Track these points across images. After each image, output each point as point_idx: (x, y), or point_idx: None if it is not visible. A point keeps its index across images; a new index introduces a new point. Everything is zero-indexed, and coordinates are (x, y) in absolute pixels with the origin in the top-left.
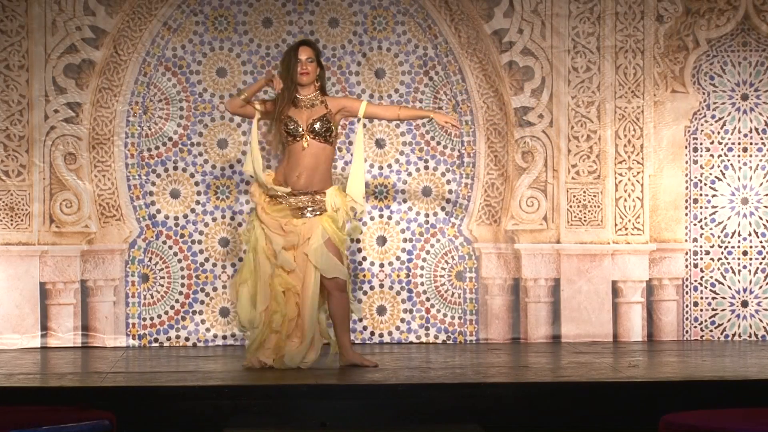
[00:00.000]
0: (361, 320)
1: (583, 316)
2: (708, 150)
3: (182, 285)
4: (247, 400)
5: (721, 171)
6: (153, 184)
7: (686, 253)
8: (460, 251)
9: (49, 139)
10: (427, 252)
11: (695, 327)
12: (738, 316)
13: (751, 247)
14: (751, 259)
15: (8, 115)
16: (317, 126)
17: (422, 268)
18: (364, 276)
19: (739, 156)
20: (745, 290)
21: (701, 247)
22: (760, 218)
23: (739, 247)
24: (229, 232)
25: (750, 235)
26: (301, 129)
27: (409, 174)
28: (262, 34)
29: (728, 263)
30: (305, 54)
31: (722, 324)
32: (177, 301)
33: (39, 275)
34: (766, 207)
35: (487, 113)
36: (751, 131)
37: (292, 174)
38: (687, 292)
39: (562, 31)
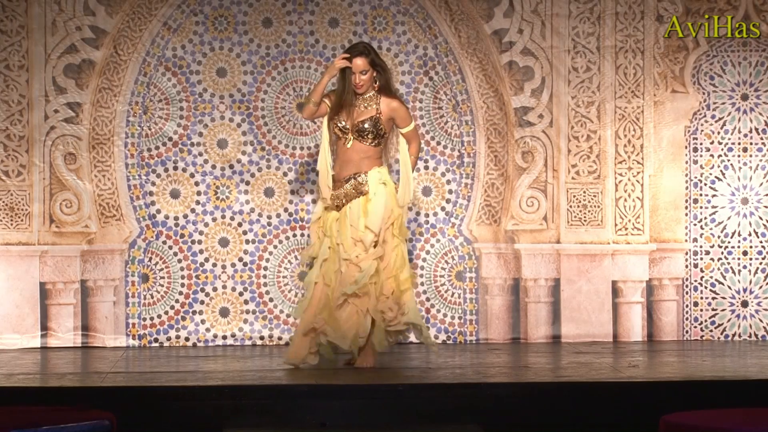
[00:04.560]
0: None
1: (583, 316)
2: (708, 150)
3: (182, 285)
4: (247, 400)
5: (721, 171)
6: (153, 184)
7: (686, 253)
8: (460, 251)
9: (49, 139)
10: (427, 252)
11: (695, 327)
12: (738, 316)
13: (751, 247)
14: (751, 259)
15: (8, 115)
16: (363, 127)
17: (422, 268)
18: None
19: (739, 156)
20: (745, 290)
21: (701, 247)
22: (760, 218)
23: (739, 247)
24: (229, 232)
25: (750, 235)
26: (346, 129)
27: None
28: (262, 34)
29: (728, 263)
30: (360, 66)
31: (722, 324)
32: (177, 301)
33: (39, 275)
34: (766, 207)
35: (487, 113)
36: (751, 131)
37: (336, 167)
38: (687, 292)
39: (562, 31)
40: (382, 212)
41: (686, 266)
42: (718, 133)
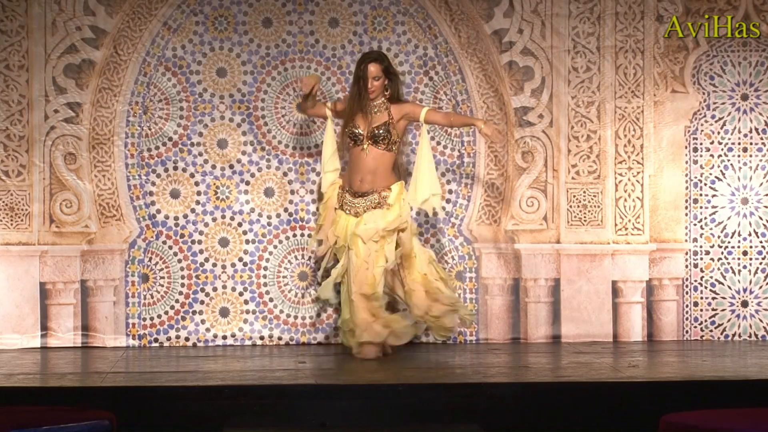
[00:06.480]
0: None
1: (583, 316)
2: (708, 150)
3: (182, 285)
4: (247, 400)
5: (721, 171)
6: (153, 184)
7: (686, 253)
8: (460, 251)
9: (49, 139)
10: None
11: (695, 327)
12: (738, 316)
13: (751, 247)
14: (751, 259)
15: (8, 115)
16: (378, 132)
17: None
18: None
19: (739, 156)
20: (745, 290)
21: (701, 247)
22: (760, 218)
23: (739, 247)
24: (229, 232)
25: (750, 235)
26: (361, 135)
27: (410, 174)
28: (262, 34)
29: (728, 263)
30: (373, 72)
31: (722, 324)
32: (177, 301)
33: (39, 275)
34: (766, 207)
35: (487, 113)
36: (751, 131)
37: (355, 178)
38: (687, 292)
39: (562, 31)
40: (393, 219)
41: (686, 266)
42: (718, 133)
